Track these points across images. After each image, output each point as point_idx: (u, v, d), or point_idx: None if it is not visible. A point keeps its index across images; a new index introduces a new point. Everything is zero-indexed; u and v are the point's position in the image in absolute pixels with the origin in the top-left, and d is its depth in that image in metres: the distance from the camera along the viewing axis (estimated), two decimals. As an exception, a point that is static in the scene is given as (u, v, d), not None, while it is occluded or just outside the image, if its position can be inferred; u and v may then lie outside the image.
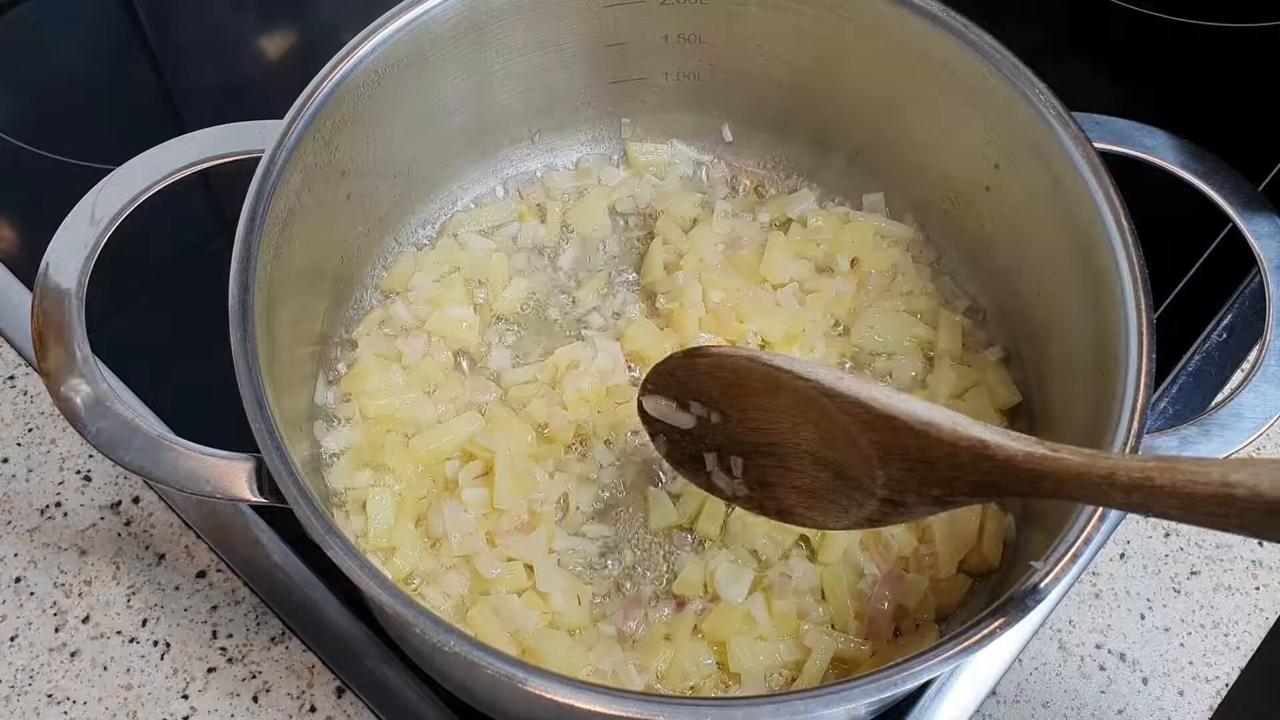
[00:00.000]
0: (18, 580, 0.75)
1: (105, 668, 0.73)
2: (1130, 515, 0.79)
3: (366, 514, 0.71)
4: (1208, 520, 0.45)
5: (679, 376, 0.63)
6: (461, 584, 0.70)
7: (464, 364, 0.79)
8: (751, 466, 0.61)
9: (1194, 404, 0.82)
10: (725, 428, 0.62)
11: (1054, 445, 0.51)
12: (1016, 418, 0.76)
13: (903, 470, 0.54)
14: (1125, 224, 0.66)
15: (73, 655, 0.73)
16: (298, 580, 0.74)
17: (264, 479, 0.60)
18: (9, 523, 0.77)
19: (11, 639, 0.73)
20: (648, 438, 0.74)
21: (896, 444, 0.54)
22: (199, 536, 0.77)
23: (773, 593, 0.69)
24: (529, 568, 0.70)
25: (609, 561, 0.72)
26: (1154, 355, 0.62)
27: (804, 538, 0.72)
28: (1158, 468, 0.47)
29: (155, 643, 0.73)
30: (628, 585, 0.71)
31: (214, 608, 0.74)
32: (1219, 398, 0.82)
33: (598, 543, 0.73)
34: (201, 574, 0.76)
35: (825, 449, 0.57)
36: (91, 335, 0.63)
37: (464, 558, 0.70)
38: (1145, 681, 0.73)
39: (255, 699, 0.72)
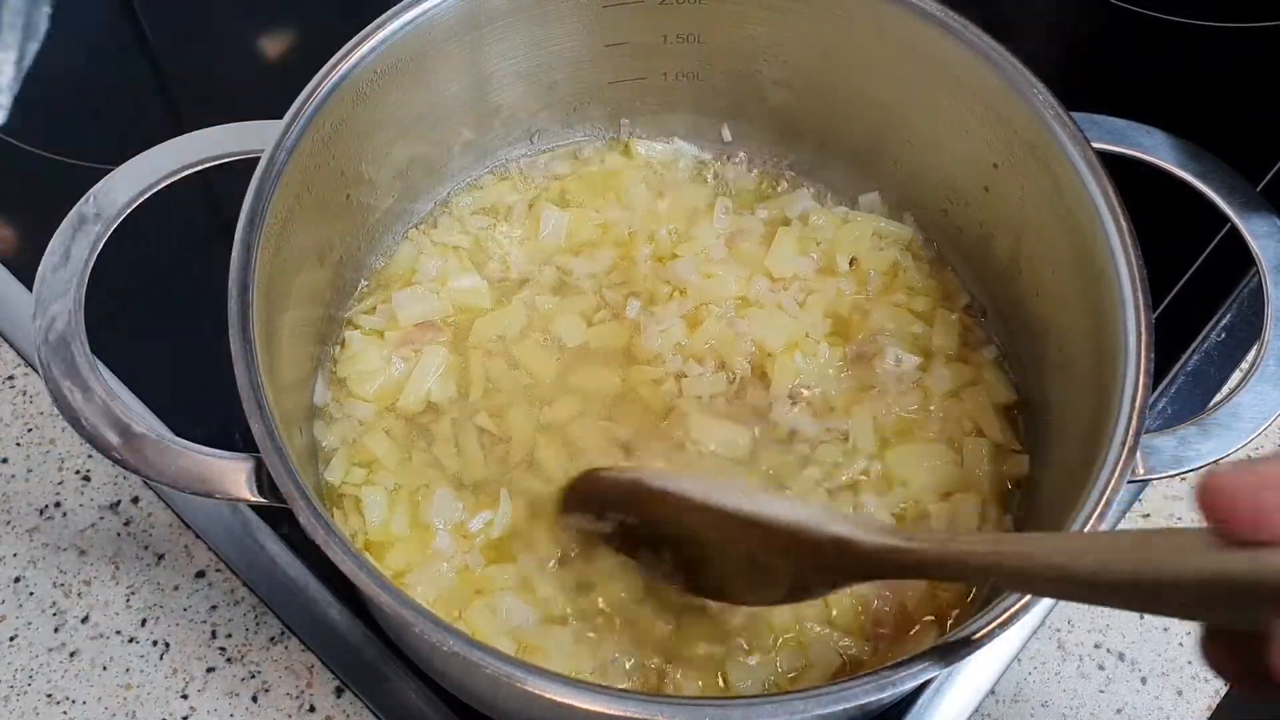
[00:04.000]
0: (17, 580, 0.76)
1: (104, 668, 0.73)
2: (1129, 515, 0.79)
3: (362, 510, 0.71)
4: (1053, 595, 0.51)
5: (587, 495, 0.69)
6: (455, 579, 0.70)
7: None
8: (680, 556, 0.65)
9: (1193, 404, 0.82)
10: (643, 527, 0.66)
11: (910, 536, 0.53)
12: (1016, 416, 0.76)
13: (795, 560, 0.58)
14: (1124, 224, 0.66)
15: (72, 655, 0.73)
16: (297, 580, 0.74)
17: (263, 479, 0.60)
18: (8, 523, 0.77)
19: (11, 639, 0.73)
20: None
21: (778, 542, 0.58)
22: (198, 536, 0.77)
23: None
24: (517, 556, 0.70)
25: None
26: (1153, 355, 0.62)
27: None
28: (996, 553, 0.50)
29: (154, 642, 0.74)
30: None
31: (213, 607, 0.74)
32: (1217, 398, 0.82)
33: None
34: (200, 574, 0.76)
35: (729, 543, 0.61)
36: (91, 335, 0.63)
37: (456, 552, 0.70)
38: (1144, 681, 0.73)
39: (254, 699, 0.72)
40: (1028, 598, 0.56)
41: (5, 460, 0.80)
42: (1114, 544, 0.44)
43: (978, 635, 0.55)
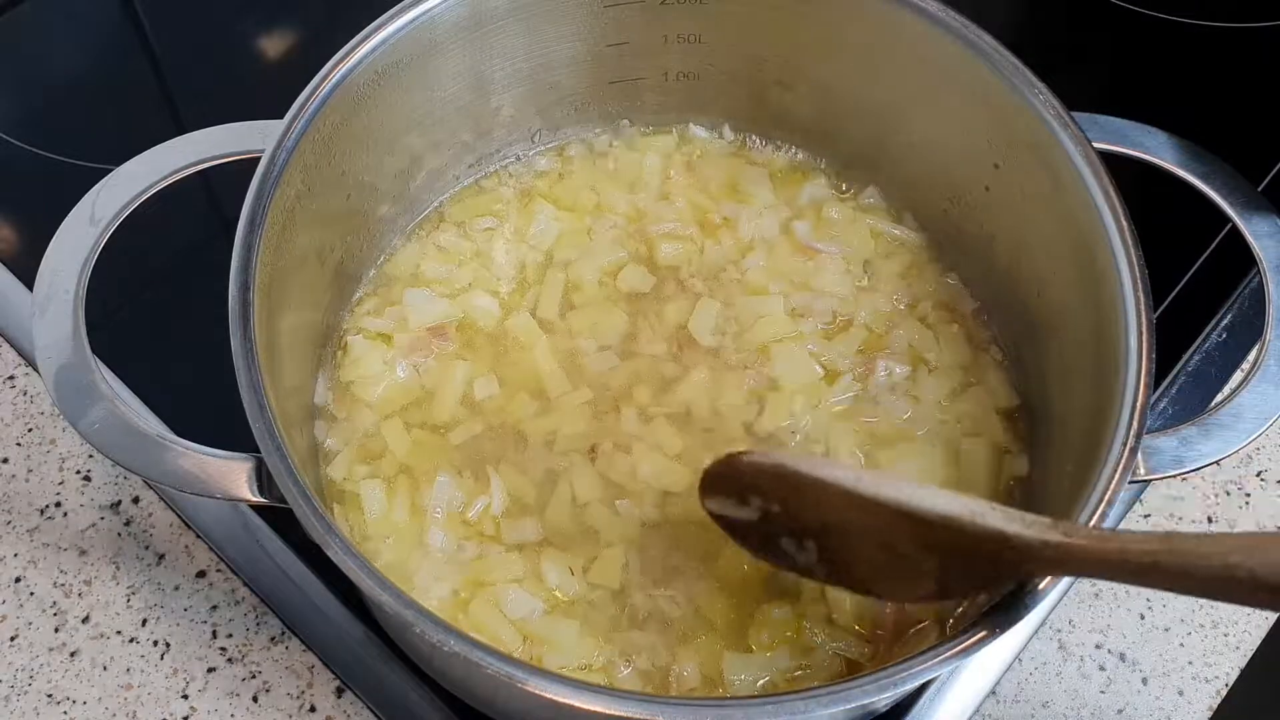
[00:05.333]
0: (18, 580, 0.76)
1: (105, 668, 0.73)
2: (1129, 515, 0.79)
3: (361, 506, 0.71)
4: (1220, 597, 0.49)
5: (730, 478, 0.66)
6: (457, 572, 0.70)
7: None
8: (824, 547, 0.62)
9: (1194, 404, 0.82)
10: (787, 515, 0.63)
11: (1069, 529, 0.53)
12: (1017, 418, 0.76)
13: (944, 557, 0.56)
14: (1125, 224, 0.66)
15: (72, 655, 0.73)
16: (297, 580, 0.74)
17: (264, 479, 0.60)
18: (9, 523, 0.77)
19: (11, 639, 0.73)
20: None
21: (928, 536, 0.56)
22: (199, 536, 0.77)
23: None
24: (521, 549, 0.70)
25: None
26: (1154, 355, 0.62)
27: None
28: (1165, 550, 0.49)
29: (155, 642, 0.74)
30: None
31: (214, 608, 0.74)
32: (1219, 398, 0.82)
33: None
34: (201, 574, 0.76)
35: (876, 534, 0.59)
36: (91, 335, 0.63)
37: (456, 544, 0.70)
38: (1145, 681, 0.73)
39: (255, 699, 0.72)
40: (1027, 599, 0.56)
41: (5, 460, 0.80)
42: None
43: (978, 636, 0.55)
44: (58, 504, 0.78)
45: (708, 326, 0.78)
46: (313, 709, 0.71)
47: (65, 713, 0.71)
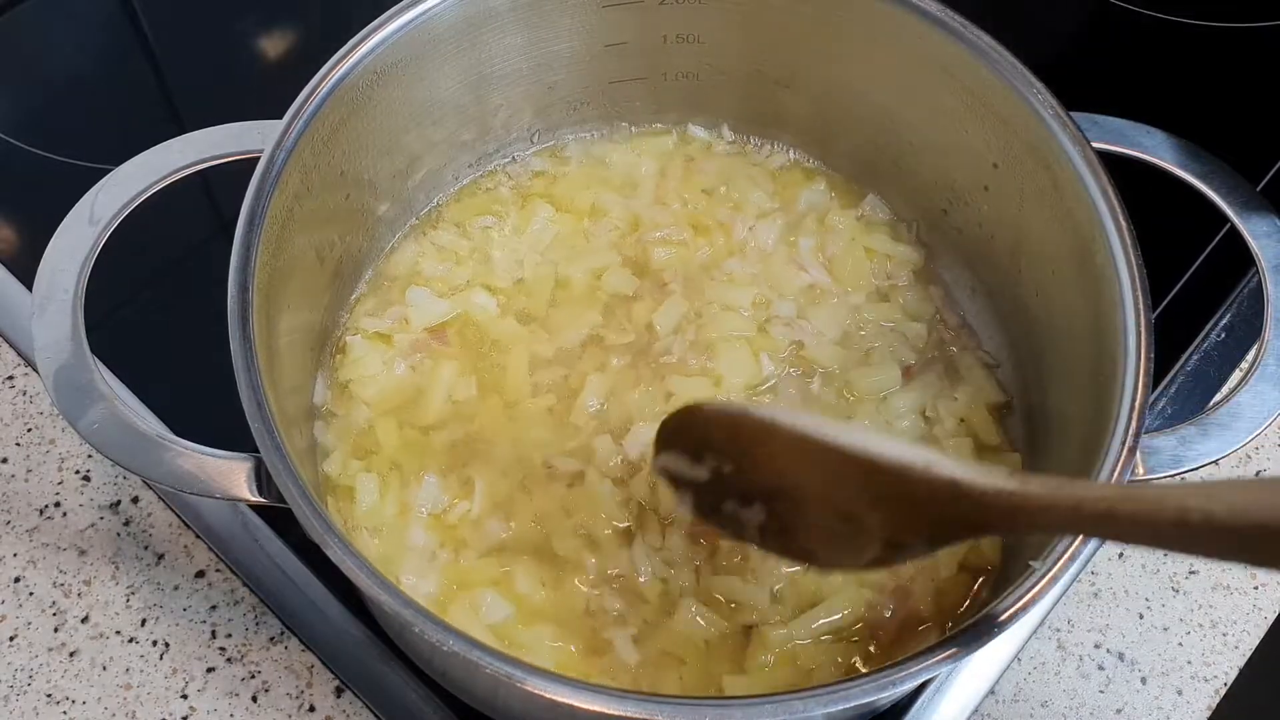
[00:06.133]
0: (17, 580, 0.76)
1: (104, 668, 0.73)
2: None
3: (354, 498, 0.71)
4: (1178, 547, 0.46)
5: (684, 432, 0.64)
6: (435, 573, 0.69)
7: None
8: (772, 511, 0.61)
9: (1192, 404, 0.82)
10: (739, 476, 0.62)
11: (1025, 478, 0.50)
12: (1013, 418, 0.76)
13: (893, 511, 0.55)
14: (1124, 224, 0.66)
15: (72, 655, 0.73)
16: (297, 580, 0.74)
17: (263, 479, 0.60)
18: (8, 523, 0.77)
19: (11, 639, 0.73)
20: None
21: (881, 485, 0.54)
22: (198, 536, 0.77)
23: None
24: (499, 554, 0.70)
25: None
26: (1153, 355, 0.62)
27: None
28: (1120, 498, 0.47)
29: (154, 642, 0.74)
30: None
31: (213, 607, 0.75)
32: (1217, 397, 0.82)
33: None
34: (200, 574, 0.76)
35: (827, 491, 0.57)
36: (90, 335, 0.63)
37: (436, 545, 0.70)
38: (1144, 681, 0.73)
39: (254, 699, 0.72)
40: (1027, 598, 0.56)
41: (5, 460, 0.80)
42: (1247, 488, 0.42)
43: (978, 635, 0.55)
44: (57, 504, 0.78)
45: (670, 325, 0.78)
46: (312, 709, 0.72)
47: (64, 712, 0.71)
